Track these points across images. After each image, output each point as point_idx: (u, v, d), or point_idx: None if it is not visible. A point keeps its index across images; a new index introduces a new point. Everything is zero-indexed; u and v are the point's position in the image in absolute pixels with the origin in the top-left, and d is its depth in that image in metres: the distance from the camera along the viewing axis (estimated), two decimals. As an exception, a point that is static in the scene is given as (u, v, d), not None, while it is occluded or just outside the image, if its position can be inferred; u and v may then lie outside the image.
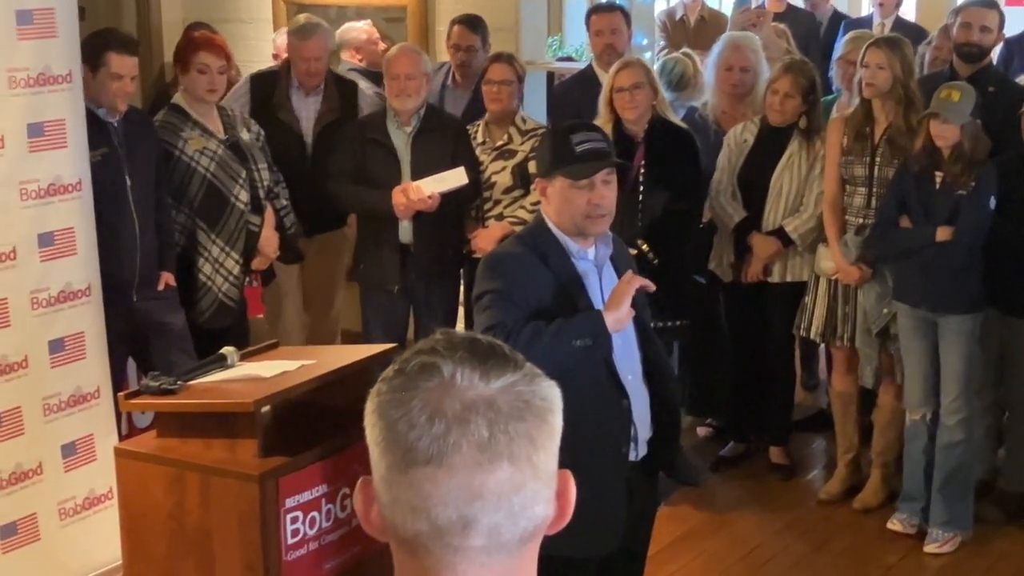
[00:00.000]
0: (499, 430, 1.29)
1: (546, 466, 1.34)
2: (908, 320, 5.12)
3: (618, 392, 3.41)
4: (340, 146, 5.78)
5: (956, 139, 4.87)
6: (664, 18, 8.93)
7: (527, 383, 1.33)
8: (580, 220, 3.39)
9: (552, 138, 3.56)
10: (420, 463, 1.28)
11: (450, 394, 1.29)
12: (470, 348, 1.34)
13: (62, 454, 4.83)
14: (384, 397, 1.32)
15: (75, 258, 4.82)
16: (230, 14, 7.48)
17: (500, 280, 3.30)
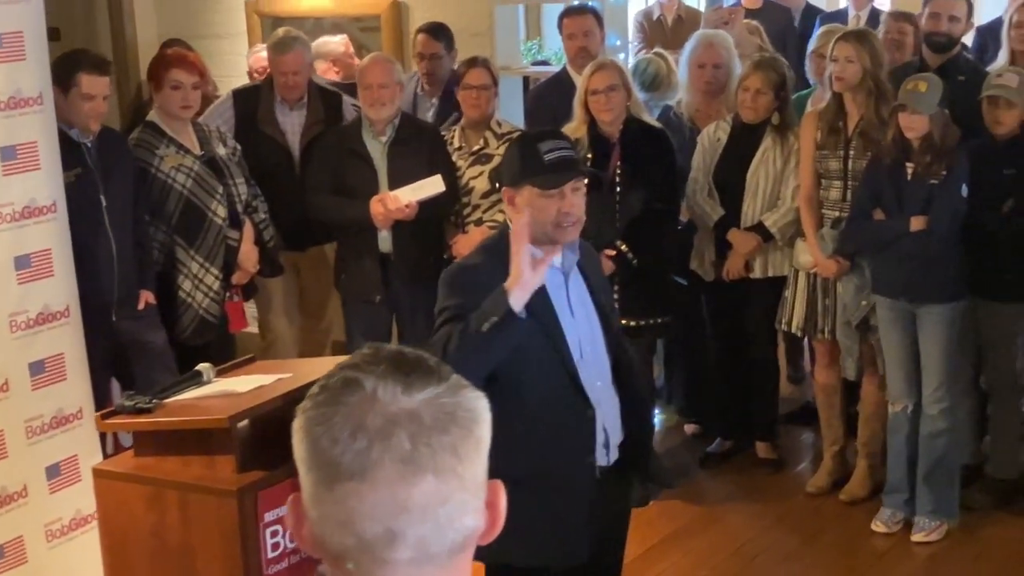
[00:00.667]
0: (422, 443, 1.29)
1: (473, 477, 1.34)
2: (887, 312, 5.13)
3: (582, 401, 3.39)
4: (316, 158, 5.79)
5: (925, 130, 4.89)
6: (641, 18, 8.93)
7: (451, 395, 1.34)
8: (550, 229, 3.37)
9: (519, 147, 3.49)
10: (344, 478, 1.28)
11: (372, 408, 1.29)
12: (394, 362, 1.34)
13: (47, 476, 4.83)
14: (308, 414, 1.32)
15: (53, 280, 4.82)
16: (205, 29, 7.50)
17: (457, 295, 3.27)
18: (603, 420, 3.45)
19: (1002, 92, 4.97)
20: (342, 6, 7.23)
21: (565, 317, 3.41)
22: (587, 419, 3.40)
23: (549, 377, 3.35)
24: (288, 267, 6.11)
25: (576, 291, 3.47)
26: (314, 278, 6.24)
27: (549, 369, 3.35)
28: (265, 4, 7.38)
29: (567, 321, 3.41)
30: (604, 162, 5.37)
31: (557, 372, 3.35)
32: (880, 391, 5.36)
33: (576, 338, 3.41)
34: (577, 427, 3.39)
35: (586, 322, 3.47)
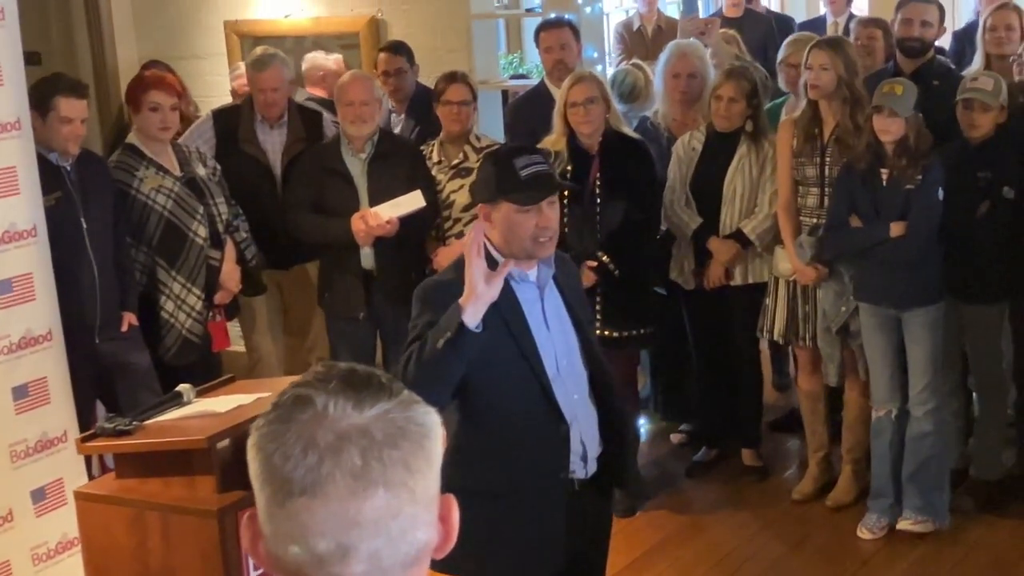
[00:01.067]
0: (373, 457, 1.31)
1: (425, 491, 1.36)
2: (871, 318, 5.15)
3: (555, 416, 3.39)
4: (296, 177, 5.80)
5: (901, 133, 4.92)
6: (621, 29, 8.99)
7: (401, 410, 1.35)
8: (528, 244, 3.38)
9: (494, 163, 3.48)
10: (296, 494, 1.30)
11: (323, 425, 1.31)
12: (345, 379, 1.36)
13: (32, 500, 4.83)
14: (261, 431, 1.34)
15: (34, 304, 4.83)
16: (185, 51, 7.51)
17: (428, 312, 3.26)
18: (580, 433, 3.46)
19: (977, 95, 5.00)
20: (321, 25, 7.25)
21: (540, 331, 3.42)
22: (560, 434, 3.40)
23: (522, 392, 3.36)
24: (271, 286, 6.13)
25: (551, 304, 3.48)
26: (298, 296, 6.26)
27: (522, 383, 3.36)
28: (244, 24, 7.40)
29: (542, 335, 3.42)
30: (584, 174, 5.39)
31: (530, 386, 3.36)
32: (862, 397, 5.38)
33: (552, 352, 3.42)
34: (551, 442, 3.40)
35: (562, 335, 3.47)
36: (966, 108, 5.04)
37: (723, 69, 5.70)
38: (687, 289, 5.77)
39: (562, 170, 5.36)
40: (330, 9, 7.22)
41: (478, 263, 3.08)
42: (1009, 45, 5.67)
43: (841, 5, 8.41)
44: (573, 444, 3.45)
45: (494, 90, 7.12)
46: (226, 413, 3.71)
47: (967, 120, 5.04)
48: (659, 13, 9.01)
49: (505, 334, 3.29)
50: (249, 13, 7.39)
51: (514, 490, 3.39)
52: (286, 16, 7.33)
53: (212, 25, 7.49)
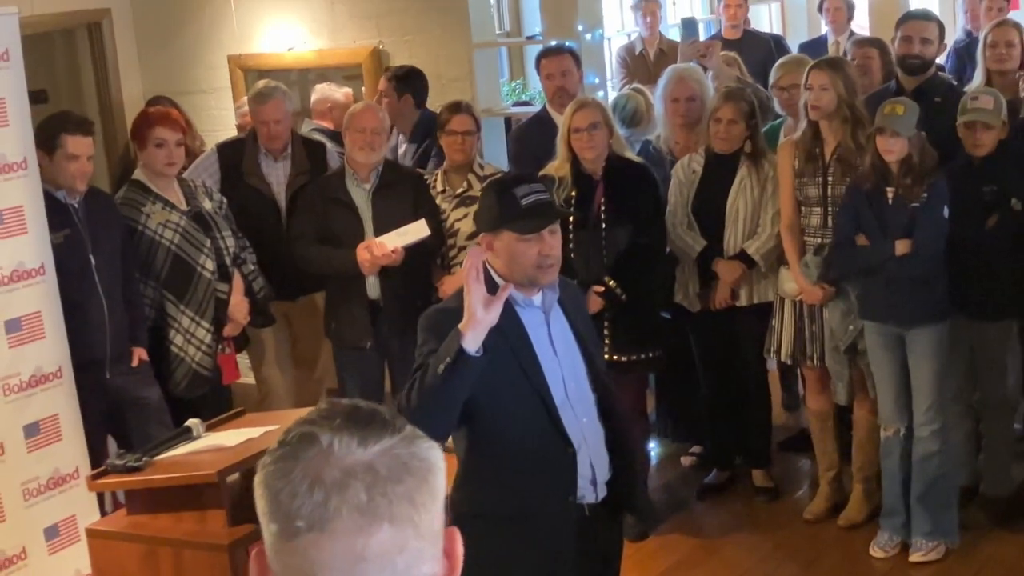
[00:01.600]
0: (378, 493, 1.33)
1: (429, 525, 1.37)
2: (876, 336, 5.15)
3: (562, 440, 3.41)
4: (301, 208, 5.84)
5: (904, 152, 4.93)
6: (624, 53, 9.03)
7: (405, 446, 1.38)
8: (531, 271, 3.41)
9: (495, 193, 3.51)
10: (303, 530, 1.32)
11: (329, 462, 1.34)
12: (348, 416, 1.38)
13: (45, 537, 4.87)
14: (268, 469, 1.37)
15: (44, 342, 4.88)
16: (190, 85, 7.56)
17: (432, 340, 3.28)
18: (589, 457, 3.47)
19: (979, 116, 5.02)
20: (324, 57, 7.31)
21: (546, 356, 3.44)
22: (569, 458, 3.42)
23: (530, 416, 3.38)
24: (279, 317, 6.15)
25: (558, 329, 3.50)
26: (306, 327, 6.28)
27: (529, 408, 3.38)
28: (248, 59, 7.46)
29: (549, 359, 3.44)
30: (588, 199, 5.41)
31: (538, 411, 3.38)
32: (872, 415, 5.37)
33: (559, 376, 3.44)
34: (559, 466, 3.42)
35: (568, 359, 3.50)
36: (968, 129, 5.05)
37: (720, 91, 5.72)
38: (692, 312, 5.78)
39: (566, 196, 5.38)
40: (333, 41, 7.27)
41: (476, 288, 3.09)
42: (1010, 61, 5.68)
43: (842, 24, 8.44)
44: (582, 468, 3.46)
45: (497, 118, 7.15)
46: (235, 447, 3.74)
47: (970, 140, 5.06)
48: (661, 36, 9.03)
49: (511, 360, 3.32)
50: (252, 47, 7.45)
51: (524, 515, 3.41)
52: (289, 49, 7.38)
53: (216, 60, 7.54)
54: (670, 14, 11.77)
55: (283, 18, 7.36)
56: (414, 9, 7.03)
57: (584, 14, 6.76)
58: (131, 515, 3.76)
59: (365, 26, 7.16)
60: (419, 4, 7.01)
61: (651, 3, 9.16)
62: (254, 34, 7.43)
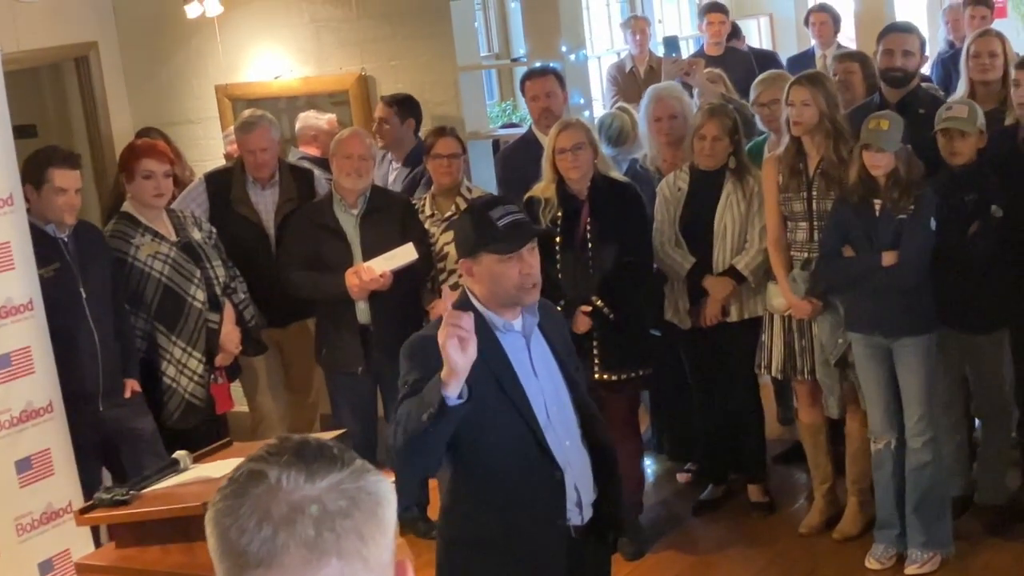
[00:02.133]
0: (326, 528, 1.34)
1: (378, 558, 1.38)
2: (863, 349, 5.16)
3: (549, 464, 3.41)
4: (289, 235, 5.86)
5: (891, 167, 4.95)
6: (614, 71, 9.08)
7: (353, 480, 1.39)
8: (514, 292, 3.42)
9: (471, 218, 3.52)
10: (252, 566, 1.33)
11: (277, 497, 1.35)
12: (296, 452, 1.40)
13: (40, 572, 4.87)
14: (217, 507, 1.39)
15: (34, 377, 4.88)
16: (177, 116, 7.59)
17: (417, 369, 3.28)
18: (574, 480, 3.48)
19: (954, 124, 5.04)
20: (311, 84, 7.34)
21: (529, 379, 3.44)
22: (555, 481, 3.42)
23: (514, 441, 3.38)
24: (271, 344, 6.16)
25: (538, 352, 3.50)
26: (298, 354, 6.29)
27: (514, 433, 3.38)
28: (235, 88, 7.49)
29: (531, 383, 3.44)
30: (574, 220, 5.43)
31: (522, 436, 3.39)
32: (864, 428, 5.37)
33: (541, 399, 3.45)
34: (546, 490, 3.42)
35: (550, 382, 3.50)
36: (945, 137, 5.07)
37: (703, 108, 5.75)
38: (683, 329, 5.79)
39: (552, 217, 5.40)
40: (319, 68, 7.30)
41: (452, 344, 3.02)
42: (992, 71, 5.68)
43: (828, 38, 8.49)
44: (568, 491, 3.46)
45: (484, 140, 7.18)
46: (222, 478, 3.72)
47: (947, 148, 5.08)
48: (651, 54, 9.11)
49: (494, 385, 3.32)
50: (239, 76, 7.48)
51: (512, 540, 3.41)
52: (276, 78, 7.41)
53: (203, 90, 7.58)
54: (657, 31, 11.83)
55: (269, 47, 7.40)
56: (399, 35, 7.06)
57: (567, 35, 6.80)
58: (120, 548, 3.76)
59: (351, 53, 7.20)
60: (404, 29, 7.05)
61: (640, 21, 9.24)
62: (240, 63, 7.46)
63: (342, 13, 7.19)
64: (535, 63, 6.68)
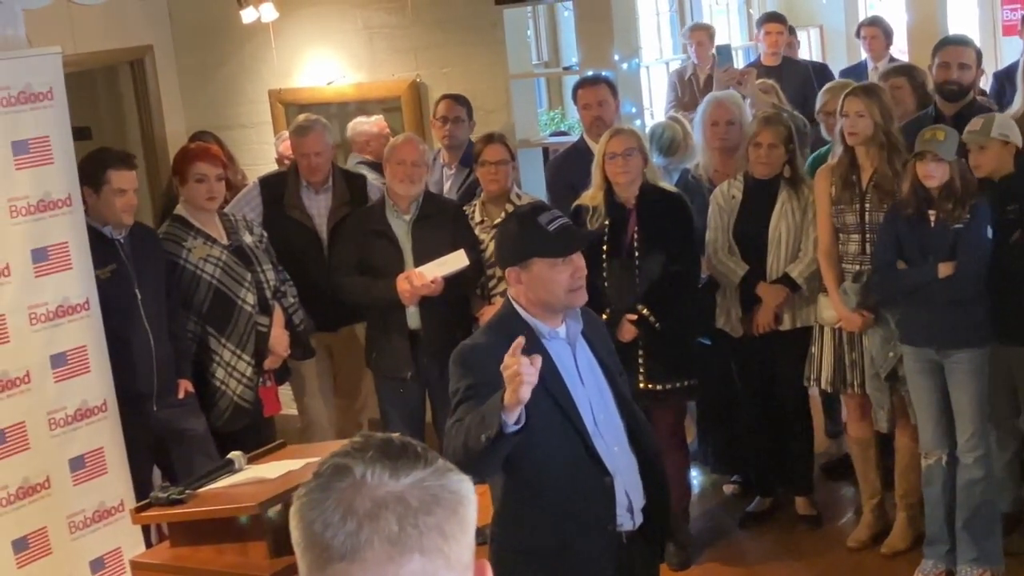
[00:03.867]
0: (409, 524, 1.37)
1: (459, 556, 1.40)
2: (915, 363, 5.12)
3: (599, 469, 3.42)
4: (341, 239, 5.89)
5: (946, 177, 4.91)
6: (675, 78, 9.10)
7: (436, 478, 1.41)
8: (564, 296, 3.43)
9: (519, 224, 3.53)
10: (335, 560, 1.36)
11: (361, 492, 1.37)
12: (381, 448, 1.42)
13: (91, 570, 4.92)
14: (302, 500, 1.41)
15: (89, 375, 4.94)
16: (231, 120, 7.65)
17: (468, 376, 3.30)
18: (624, 485, 3.48)
19: (968, 138, 5.00)
20: (363, 91, 7.37)
21: (576, 387, 3.46)
22: (606, 487, 3.43)
23: (565, 448, 3.39)
24: (320, 348, 6.20)
25: (583, 359, 3.52)
26: (347, 358, 6.32)
27: (564, 441, 3.39)
28: (288, 93, 7.54)
29: (578, 390, 3.46)
30: (622, 228, 5.42)
31: (572, 442, 3.40)
32: (914, 442, 5.33)
33: (588, 406, 3.46)
34: (597, 496, 3.43)
35: (596, 389, 3.52)
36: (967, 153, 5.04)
37: (759, 116, 5.73)
38: (735, 337, 5.77)
39: (600, 224, 5.40)
40: (372, 75, 7.34)
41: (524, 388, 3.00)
42: (1049, 83, 5.65)
43: (880, 51, 8.44)
44: (618, 496, 3.47)
45: (534, 148, 7.19)
46: (276, 479, 3.77)
47: (972, 163, 5.04)
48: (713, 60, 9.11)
49: (543, 393, 3.31)
50: (293, 82, 7.53)
51: (565, 547, 3.42)
52: (329, 83, 7.46)
53: (257, 94, 7.63)
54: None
55: (322, 52, 7.45)
56: (452, 42, 7.09)
57: (620, 44, 6.80)
58: (174, 547, 3.80)
59: (404, 59, 7.24)
60: (457, 36, 7.08)
61: (697, 32, 9.21)
62: (294, 69, 7.52)
63: (395, 20, 7.23)
64: (587, 71, 6.69)
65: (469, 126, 6.66)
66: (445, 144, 6.60)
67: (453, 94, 6.75)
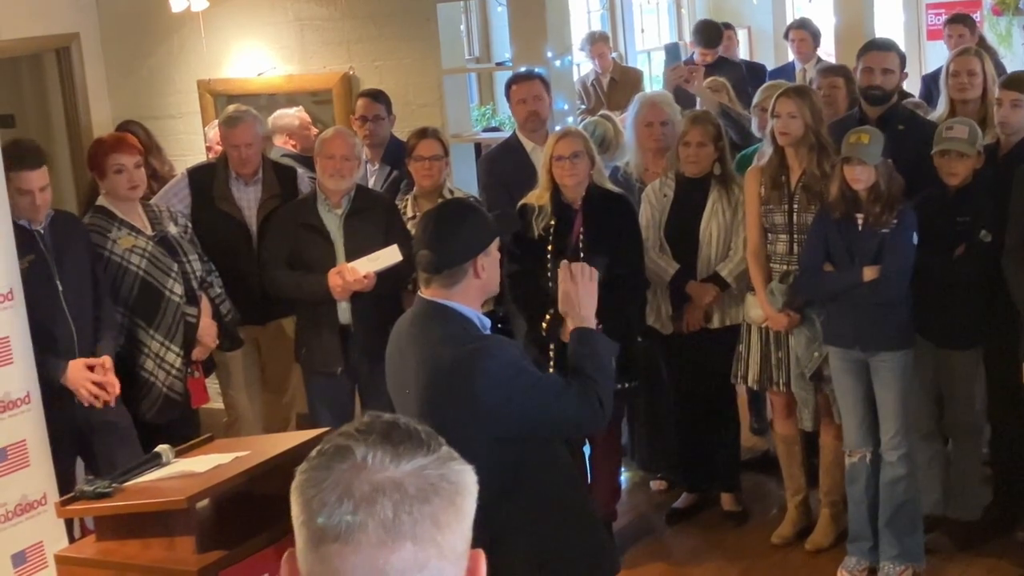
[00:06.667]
0: (403, 511, 1.38)
1: (452, 546, 1.41)
2: (840, 362, 5.19)
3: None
4: (272, 233, 5.84)
5: (872, 180, 4.98)
6: (579, 85, 9.22)
7: (437, 467, 1.42)
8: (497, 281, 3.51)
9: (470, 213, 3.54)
10: (329, 540, 1.37)
11: (360, 475, 1.39)
12: (385, 432, 1.43)
13: (13, 564, 4.83)
14: (303, 476, 1.42)
15: (12, 367, 4.85)
16: (159, 110, 7.56)
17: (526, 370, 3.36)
18: None
19: (953, 145, 5.08)
20: (294, 82, 7.32)
21: None
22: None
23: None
24: (248, 342, 6.14)
25: None
26: (275, 352, 6.27)
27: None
28: (217, 83, 7.47)
29: None
30: (567, 229, 5.41)
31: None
32: (837, 440, 5.41)
33: None
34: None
35: None
36: (943, 158, 5.11)
37: (688, 115, 5.79)
38: (664, 334, 5.81)
39: (545, 225, 5.40)
40: (303, 66, 7.29)
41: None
42: (972, 90, 5.73)
43: (808, 53, 8.55)
44: None
45: (467, 143, 7.18)
46: (205, 473, 3.73)
47: (946, 168, 5.11)
48: (615, 64, 9.26)
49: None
50: (222, 72, 7.46)
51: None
52: (259, 74, 7.39)
53: (185, 84, 7.55)
54: (638, 41, 11.91)
55: (253, 43, 7.38)
56: (384, 35, 7.07)
57: (553, 40, 6.81)
58: (100, 541, 3.75)
59: (335, 52, 7.19)
60: (389, 30, 7.05)
61: (598, 44, 9.36)
62: (224, 59, 7.44)
63: (327, 12, 7.18)
64: (520, 67, 6.70)
65: (389, 122, 6.65)
66: (367, 143, 6.56)
67: (370, 91, 6.73)
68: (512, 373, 3.29)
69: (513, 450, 3.27)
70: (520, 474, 3.31)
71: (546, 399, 3.32)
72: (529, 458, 3.31)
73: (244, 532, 3.70)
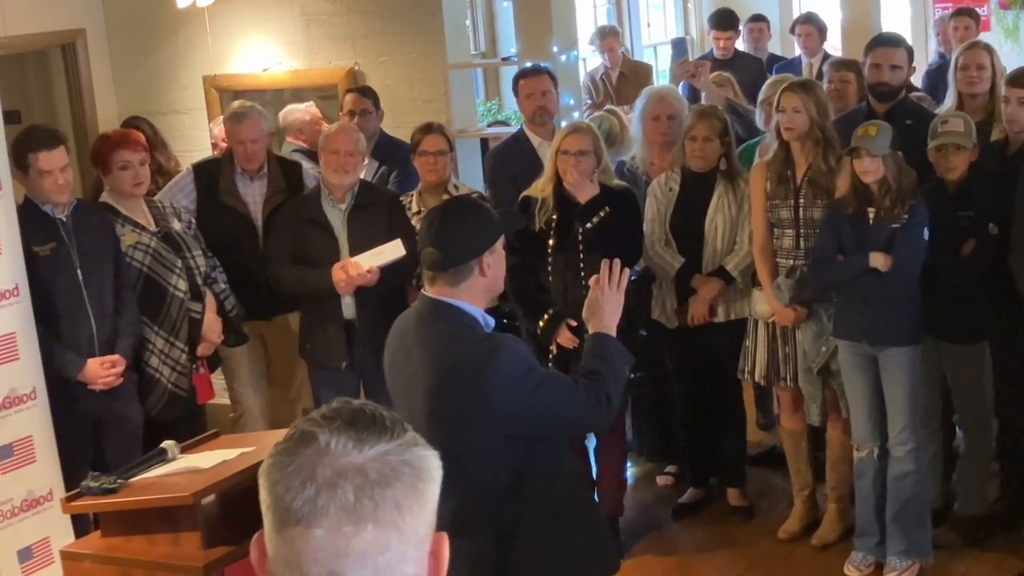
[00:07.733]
0: (365, 496, 1.41)
1: (414, 530, 1.44)
2: (849, 356, 5.18)
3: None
4: (277, 228, 5.84)
5: (881, 173, 4.96)
6: (588, 80, 9.21)
7: (399, 452, 1.45)
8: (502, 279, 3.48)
9: (475, 209, 3.47)
10: (293, 523, 1.41)
11: (323, 461, 1.42)
12: (350, 418, 1.46)
13: (19, 559, 4.84)
14: (269, 461, 1.46)
15: (18, 363, 4.85)
16: (165, 106, 7.56)
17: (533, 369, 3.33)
18: None
19: (950, 139, 5.06)
20: (299, 78, 7.32)
21: None
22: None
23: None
24: (254, 337, 6.14)
25: None
26: (280, 347, 6.27)
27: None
28: (223, 79, 7.46)
29: None
30: (569, 223, 5.40)
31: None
32: (844, 435, 5.40)
33: None
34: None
35: None
36: (940, 152, 5.09)
37: (694, 110, 5.77)
38: (669, 328, 5.80)
39: (547, 218, 5.38)
40: (308, 62, 7.29)
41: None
42: (980, 84, 5.71)
43: (814, 47, 8.53)
44: None
45: (472, 138, 7.18)
46: (211, 469, 3.73)
47: (943, 163, 5.09)
48: (624, 58, 9.24)
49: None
50: (228, 68, 7.45)
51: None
52: (265, 70, 7.39)
53: (191, 80, 7.55)
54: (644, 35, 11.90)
55: (258, 39, 7.38)
56: (390, 31, 7.06)
57: (559, 35, 6.80)
58: (105, 537, 3.75)
59: (341, 47, 7.19)
60: (395, 25, 7.04)
61: (608, 39, 9.35)
62: (229, 55, 7.44)
63: (333, 7, 7.18)
64: (526, 62, 6.69)
65: (377, 116, 6.65)
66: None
67: (358, 87, 6.75)
68: (523, 371, 3.27)
69: (521, 449, 3.26)
70: (527, 473, 3.30)
71: (556, 397, 3.31)
72: (536, 457, 3.31)
73: (250, 528, 3.65)
